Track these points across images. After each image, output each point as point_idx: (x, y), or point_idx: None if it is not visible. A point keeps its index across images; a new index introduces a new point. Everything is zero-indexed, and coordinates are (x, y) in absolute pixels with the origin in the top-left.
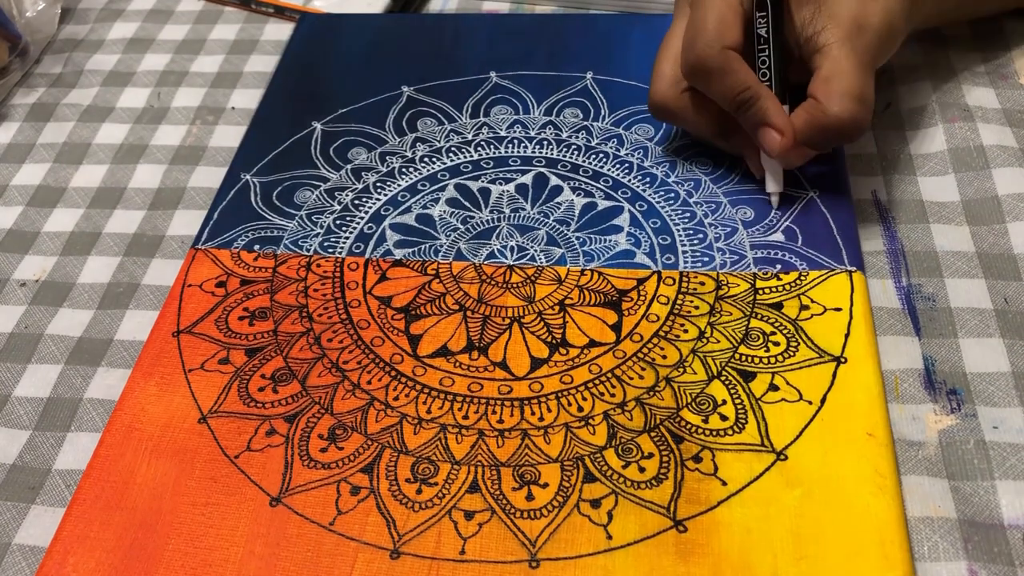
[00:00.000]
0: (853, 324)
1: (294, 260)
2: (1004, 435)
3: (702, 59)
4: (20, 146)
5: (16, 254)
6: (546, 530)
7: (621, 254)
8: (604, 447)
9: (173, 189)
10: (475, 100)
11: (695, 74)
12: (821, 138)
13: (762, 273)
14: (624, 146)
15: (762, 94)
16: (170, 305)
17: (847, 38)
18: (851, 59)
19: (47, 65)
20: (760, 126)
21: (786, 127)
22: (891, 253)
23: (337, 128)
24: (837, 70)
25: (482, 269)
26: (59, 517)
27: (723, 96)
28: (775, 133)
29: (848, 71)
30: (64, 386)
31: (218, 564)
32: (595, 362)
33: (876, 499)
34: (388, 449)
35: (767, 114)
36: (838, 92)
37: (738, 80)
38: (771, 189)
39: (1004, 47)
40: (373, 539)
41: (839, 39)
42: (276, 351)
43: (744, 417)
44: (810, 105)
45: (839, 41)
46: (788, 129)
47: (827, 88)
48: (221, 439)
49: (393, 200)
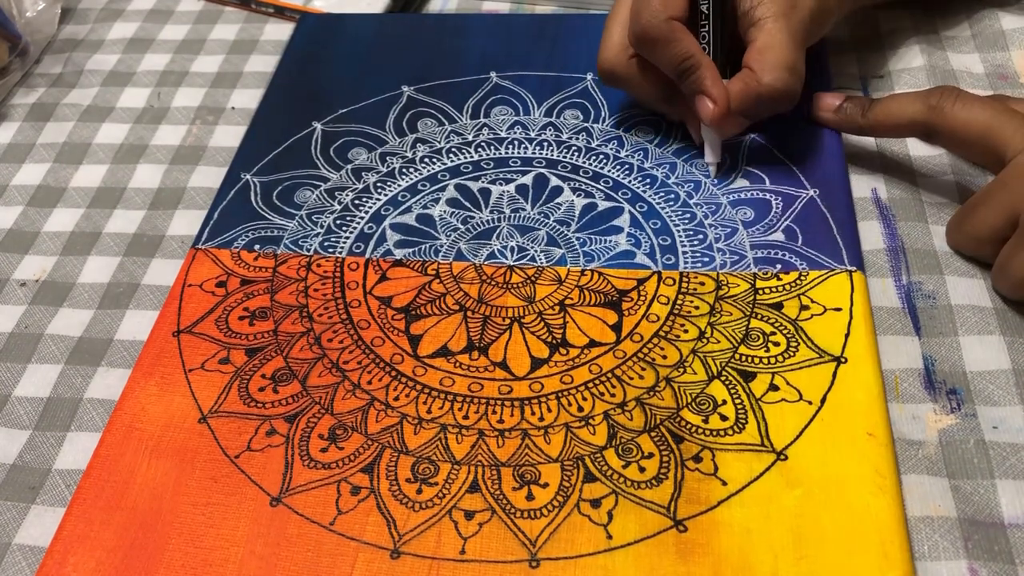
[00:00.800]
0: (853, 324)
1: (294, 260)
2: (1004, 435)
3: (647, 29)
4: (20, 146)
5: (16, 254)
6: (546, 530)
7: (621, 254)
8: (604, 447)
9: (173, 189)
10: (475, 101)
11: (641, 42)
12: (754, 107)
13: (762, 273)
14: (624, 147)
15: (702, 63)
16: (170, 305)
17: (782, 14)
18: (784, 33)
19: (47, 65)
20: (697, 94)
21: (721, 97)
22: (891, 251)
23: (337, 128)
24: (771, 43)
25: (482, 269)
26: (59, 517)
27: (666, 64)
28: (709, 102)
29: (781, 44)
30: (64, 386)
31: (218, 564)
32: (595, 362)
33: (876, 499)
34: (388, 449)
35: (704, 83)
36: (771, 63)
37: (681, 49)
38: (708, 159)
39: (1003, 47)
40: (373, 539)
41: (774, 14)
42: (276, 351)
43: (744, 417)
44: (745, 75)
45: (774, 16)
46: (723, 99)
47: (761, 59)
48: (221, 439)
49: (393, 200)
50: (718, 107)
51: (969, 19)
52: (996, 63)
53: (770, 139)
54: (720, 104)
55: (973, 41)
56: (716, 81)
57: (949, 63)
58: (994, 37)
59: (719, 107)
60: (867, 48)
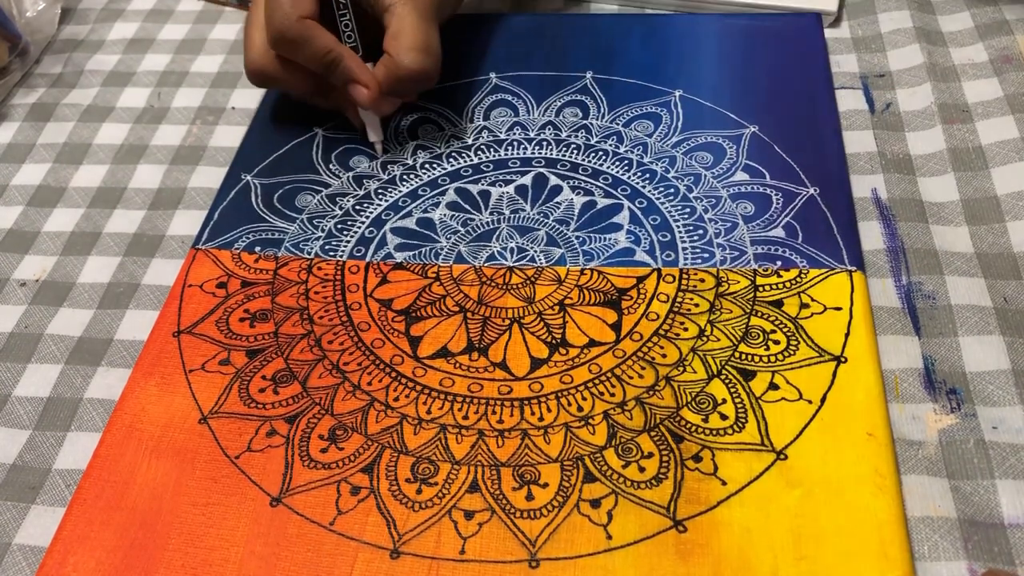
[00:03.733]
0: (853, 324)
1: (295, 263)
2: (1004, 435)
3: (281, 31)
4: (20, 146)
5: (16, 254)
6: (546, 530)
7: (621, 252)
8: (604, 447)
9: (173, 189)
10: (475, 103)
11: (279, 45)
12: (400, 87)
13: (762, 269)
14: (624, 143)
15: (344, 55)
16: (170, 305)
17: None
18: (414, 15)
19: (47, 65)
20: (349, 83)
21: (371, 81)
22: (891, 251)
23: (339, 135)
24: (403, 27)
25: (482, 271)
26: (59, 517)
27: (309, 61)
28: (362, 87)
29: (411, 26)
30: (64, 386)
31: (218, 564)
32: (595, 361)
33: (876, 499)
34: (388, 449)
35: (352, 72)
36: (406, 47)
37: (319, 45)
38: (372, 138)
39: (1008, 32)
40: (373, 539)
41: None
42: (277, 352)
43: (744, 416)
44: (385, 59)
45: (402, 1)
46: (373, 82)
47: (396, 44)
48: (222, 439)
49: (394, 205)
50: (371, 91)
51: (971, 13)
52: (1000, 47)
53: (771, 136)
54: (372, 87)
55: (976, 32)
56: (362, 68)
57: (950, 59)
58: (997, 25)
59: (372, 90)
60: (867, 48)
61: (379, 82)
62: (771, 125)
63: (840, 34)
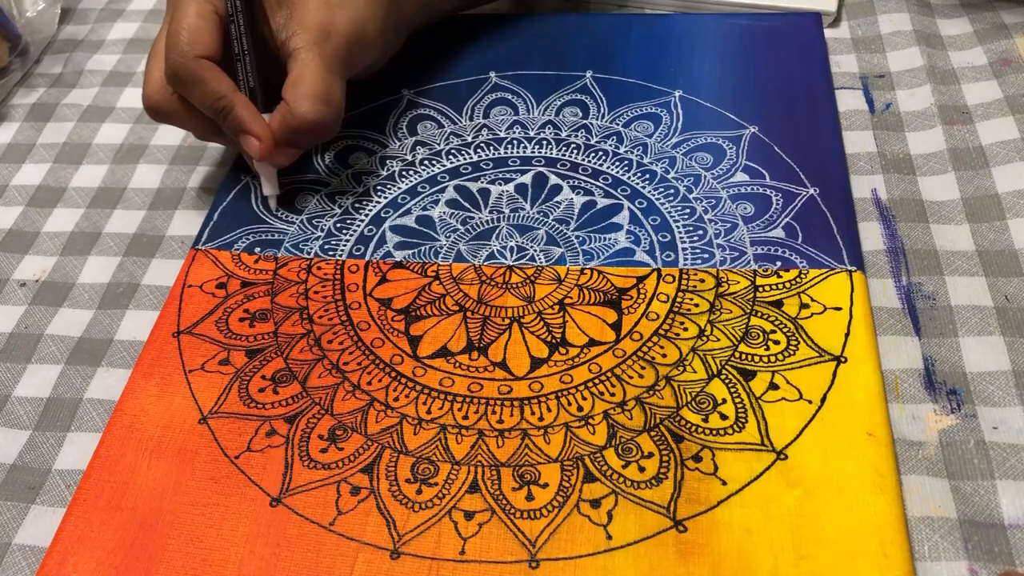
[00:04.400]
0: (853, 324)
1: (295, 263)
2: (1004, 435)
3: (175, 69)
4: (20, 146)
5: (16, 254)
6: (546, 530)
7: (621, 252)
8: (604, 447)
9: (173, 189)
10: (475, 101)
11: (173, 82)
12: (294, 137)
13: (762, 270)
14: (624, 143)
15: (236, 103)
16: (170, 305)
17: (314, 43)
18: (317, 63)
19: (47, 65)
20: (239, 133)
21: (263, 133)
22: (891, 252)
23: (337, 132)
24: (304, 74)
25: (482, 270)
26: (59, 517)
27: (200, 103)
28: (253, 140)
29: (312, 74)
30: (64, 386)
31: (218, 564)
32: (595, 361)
33: (876, 499)
34: (388, 449)
35: (242, 122)
36: (303, 95)
37: (211, 89)
38: (267, 192)
39: (1007, 36)
40: (373, 539)
41: (306, 44)
42: (276, 352)
43: (744, 416)
44: (282, 107)
45: (306, 46)
46: (265, 134)
47: (294, 91)
48: (221, 440)
49: (393, 202)
50: (263, 143)
51: (969, 17)
52: (1000, 50)
53: (770, 137)
54: (264, 140)
55: (975, 36)
56: (255, 117)
57: (949, 62)
58: (996, 29)
59: (264, 143)
60: (867, 48)
61: (272, 134)
62: (771, 125)
63: (840, 34)
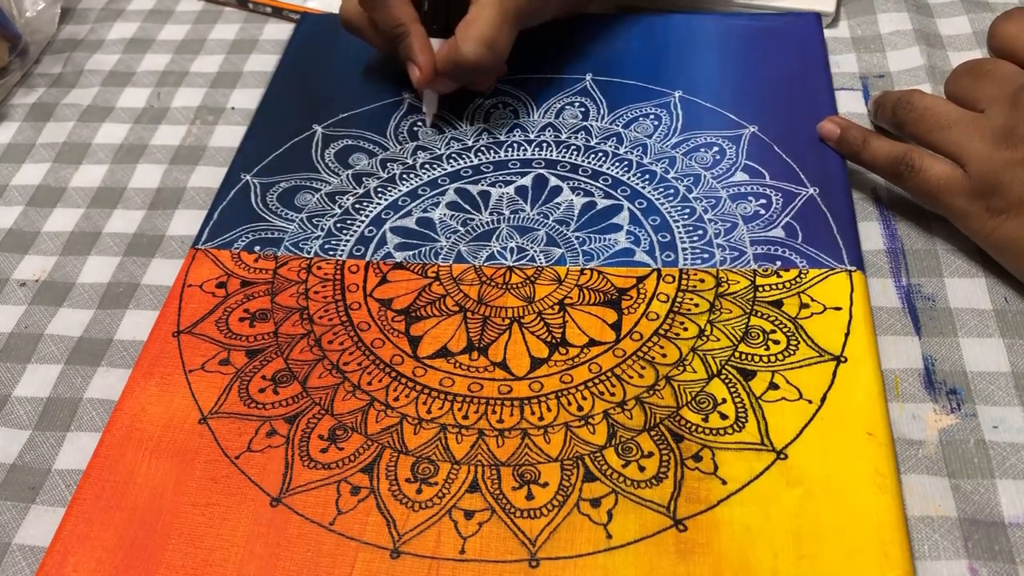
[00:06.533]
0: (853, 323)
1: (295, 262)
2: (1004, 435)
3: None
4: (20, 146)
5: (16, 254)
6: (546, 529)
7: (621, 252)
8: (604, 446)
9: (173, 189)
10: (475, 105)
11: (363, 3)
12: (455, 71)
13: (762, 270)
14: (623, 144)
15: (412, 31)
16: (170, 305)
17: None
18: (493, 9)
19: (47, 65)
20: (407, 59)
21: (425, 65)
22: (891, 252)
23: (338, 133)
24: (479, 16)
25: (482, 271)
26: (59, 517)
27: (382, 25)
28: (416, 68)
29: (486, 19)
30: (64, 386)
31: (218, 564)
32: (595, 361)
33: (876, 498)
34: (388, 449)
35: (411, 50)
36: (471, 36)
37: (392, 14)
38: (425, 110)
39: None
40: (373, 539)
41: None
42: (277, 352)
43: (744, 416)
44: (451, 42)
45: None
46: (427, 68)
47: (465, 31)
48: (221, 440)
49: (394, 204)
50: (422, 75)
51: (969, 17)
52: None
53: (770, 136)
54: (424, 72)
55: (975, 38)
56: (423, 49)
57: (949, 62)
58: None
59: (423, 75)
60: (867, 48)
61: (433, 68)
62: (771, 125)
63: (839, 34)
